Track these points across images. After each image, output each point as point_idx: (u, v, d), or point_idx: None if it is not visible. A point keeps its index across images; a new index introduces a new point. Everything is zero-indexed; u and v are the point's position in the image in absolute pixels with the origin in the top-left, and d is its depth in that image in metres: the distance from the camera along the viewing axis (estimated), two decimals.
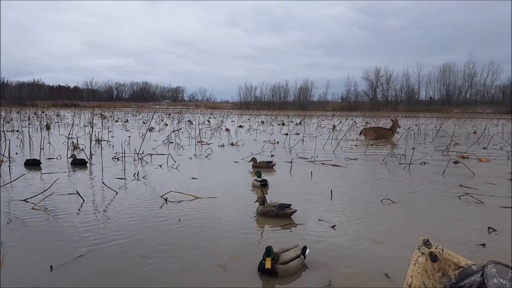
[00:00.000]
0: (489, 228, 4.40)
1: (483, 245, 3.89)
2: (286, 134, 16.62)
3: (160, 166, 8.54)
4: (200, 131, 15.40)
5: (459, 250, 3.19)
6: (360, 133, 17.37)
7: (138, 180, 6.99)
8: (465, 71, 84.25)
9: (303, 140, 14.99)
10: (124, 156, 8.89)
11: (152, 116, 23.80)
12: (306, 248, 3.46)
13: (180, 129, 20.73)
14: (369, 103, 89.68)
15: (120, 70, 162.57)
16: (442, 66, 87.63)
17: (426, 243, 2.81)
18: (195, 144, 13.04)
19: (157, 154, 10.18)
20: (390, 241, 4.07)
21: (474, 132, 20.55)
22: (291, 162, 9.12)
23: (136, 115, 40.73)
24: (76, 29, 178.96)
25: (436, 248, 2.79)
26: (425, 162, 9.61)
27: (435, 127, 22.04)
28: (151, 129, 19.44)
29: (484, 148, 13.16)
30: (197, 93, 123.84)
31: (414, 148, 10.80)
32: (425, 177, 7.79)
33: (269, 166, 8.61)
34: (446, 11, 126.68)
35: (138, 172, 7.56)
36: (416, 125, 25.95)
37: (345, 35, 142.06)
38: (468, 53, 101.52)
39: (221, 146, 12.92)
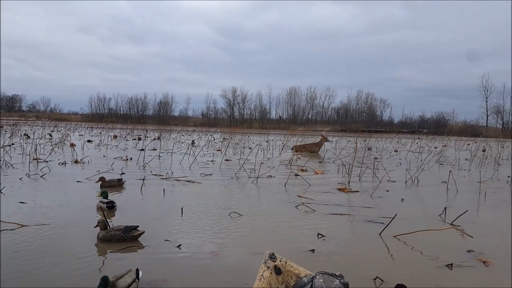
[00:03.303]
0: (318, 234, 4.96)
1: (312, 251, 4.35)
2: (142, 149, 15.94)
3: None
4: (37, 147, 13.50)
5: (293, 257, 3.48)
6: (292, 149, 19.36)
7: None
8: (307, 94, 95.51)
9: (159, 156, 14.59)
10: None
11: None
12: (139, 271, 3.33)
13: (12, 144, 17.83)
14: (227, 120, 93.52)
15: None
16: (289, 89, 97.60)
17: (272, 256, 2.97)
18: (30, 162, 11.37)
19: None
20: (233, 253, 4.23)
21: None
22: (143, 179, 8.74)
23: None
24: None
25: (280, 261, 2.97)
26: (271, 176, 10.40)
27: (282, 143, 24.19)
28: None
29: (320, 162, 15.03)
30: (39, 102, 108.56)
31: (262, 162, 11.61)
32: (270, 189, 8.44)
33: (120, 184, 8.13)
34: (293, 40, 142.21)
35: None
36: (267, 141, 28.09)
37: (206, 53, 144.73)
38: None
39: (63, 164, 11.56)
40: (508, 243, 4.93)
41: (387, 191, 8.64)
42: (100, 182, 7.95)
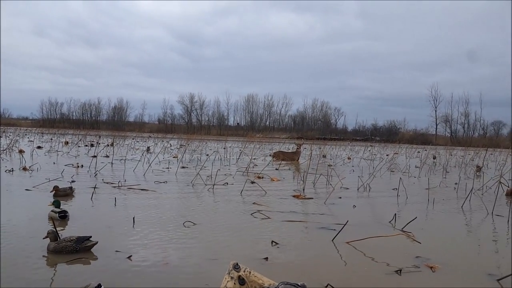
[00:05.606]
0: (272, 242, 5.01)
1: (266, 258, 4.38)
2: (94, 156, 15.35)
3: None
4: None
5: (247, 265, 3.49)
6: (273, 156, 19.82)
7: None
8: (265, 101, 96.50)
9: (112, 163, 14.10)
10: None
11: None
12: (101, 286, 3.18)
13: None
14: (185, 126, 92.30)
15: None
16: (247, 96, 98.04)
17: (236, 267, 2.96)
18: None
19: None
20: (185, 261, 4.19)
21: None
22: (95, 187, 8.40)
23: None
24: None
25: (244, 271, 2.97)
26: (227, 183, 10.38)
27: (240, 150, 24.22)
28: None
29: (276, 169, 15.20)
30: None
31: (219, 169, 11.56)
32: (226, 197, 8.44)
33: (71, 192, 7.87)
34: (252, 48, 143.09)
35: None
36: (224, 148, 28.01)
37: (163, 58, 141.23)
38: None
39: (10, 171, 10.89)
40: (454, 249, 5.23)
41: (340, 198, 8.89)
42: (54, 191, 7.59)
